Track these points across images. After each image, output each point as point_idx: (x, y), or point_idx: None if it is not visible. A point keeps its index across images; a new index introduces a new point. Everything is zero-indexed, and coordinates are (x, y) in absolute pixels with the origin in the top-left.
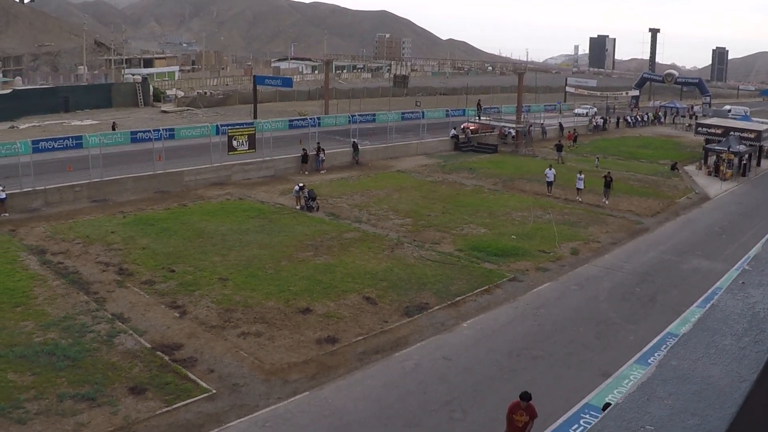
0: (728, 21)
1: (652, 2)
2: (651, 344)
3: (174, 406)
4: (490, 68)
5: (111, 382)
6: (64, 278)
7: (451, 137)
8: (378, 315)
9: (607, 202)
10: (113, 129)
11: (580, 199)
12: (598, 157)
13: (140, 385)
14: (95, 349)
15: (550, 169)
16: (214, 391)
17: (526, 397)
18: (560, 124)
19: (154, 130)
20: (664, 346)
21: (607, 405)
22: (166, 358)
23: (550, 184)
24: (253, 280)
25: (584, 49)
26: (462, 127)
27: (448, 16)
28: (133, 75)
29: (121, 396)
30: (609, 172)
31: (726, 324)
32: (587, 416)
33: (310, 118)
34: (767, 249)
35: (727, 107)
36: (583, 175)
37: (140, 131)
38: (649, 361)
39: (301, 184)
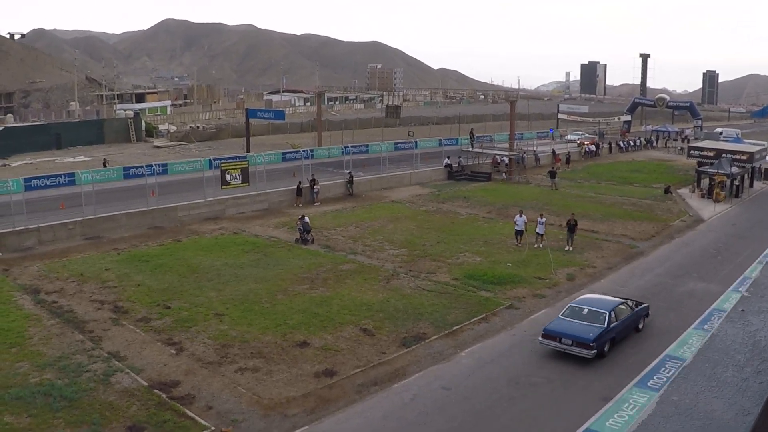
0: (718, 44)
1: (642, 28)
2: (650, 367)
3: None
4: (482, 97)
5: (109, 422)
6: (58, 317)
7: (445, 166)
8: (375, 346)
9: (571, 249)
10: (104, 165)
11: (541, 245)
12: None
13: (138, 423)
14: (92, 389)
15: (521, 216)
16: (212, 428)
17: None
18: (553, 151)
19: (146, 166)
20: (663, 368)
21: None
22: (164, 395)
23: (519, 233)
24: (249, 315)
25: (575, 75)
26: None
27: (439, 45)
28: (125, 110)
29: None
30: (573, 215)
31: (727, 354)
32: None
33: (303, 151)
34: (766, 274)
35: (719, 130)
36: (544, 219)
37: (133, 167)
38: (649, 384)
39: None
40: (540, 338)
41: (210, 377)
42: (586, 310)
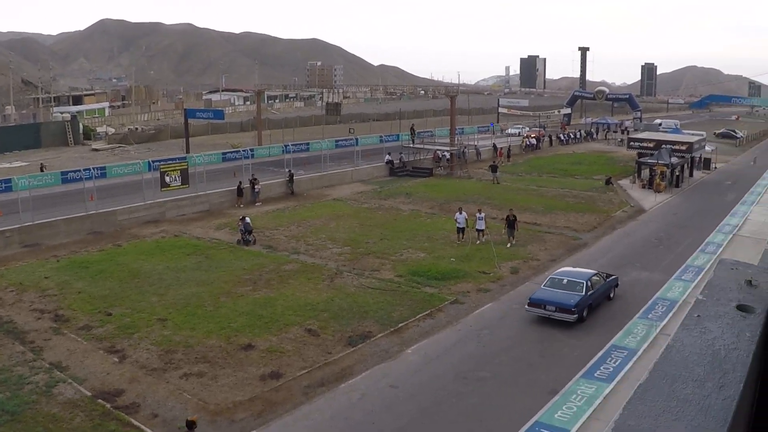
0: (656, 37)
1: (580, 22)
2: (596, 358)
3: None
4: (423, 92)
5: None
6: None
7: (386, 163)
8: (321, 347)
9: (514, 243)
10: (42, 170)
11: (483, 240)
12: None
13: None
14: (34, 402)
15: (461, 213)
16: None
17: None
18: (494, 145)
19: (84, 170)
20: (610, 358)
21: None
22: (108, 405)
23: (461, 230)
24: (192, 319)
25: (515, 69)
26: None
27: (378, 41)
28: (62, 113)
29: None
30: (511, 210)
31: (686, 368)
32: None
33: (243, 150)
34: (720, 274)
35: (658, 121)
36: (483, 214)
37: (71, 171)
38: (596, 374)
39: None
40: (526, 306)
41: (155, 384)
42: (565, 280)
